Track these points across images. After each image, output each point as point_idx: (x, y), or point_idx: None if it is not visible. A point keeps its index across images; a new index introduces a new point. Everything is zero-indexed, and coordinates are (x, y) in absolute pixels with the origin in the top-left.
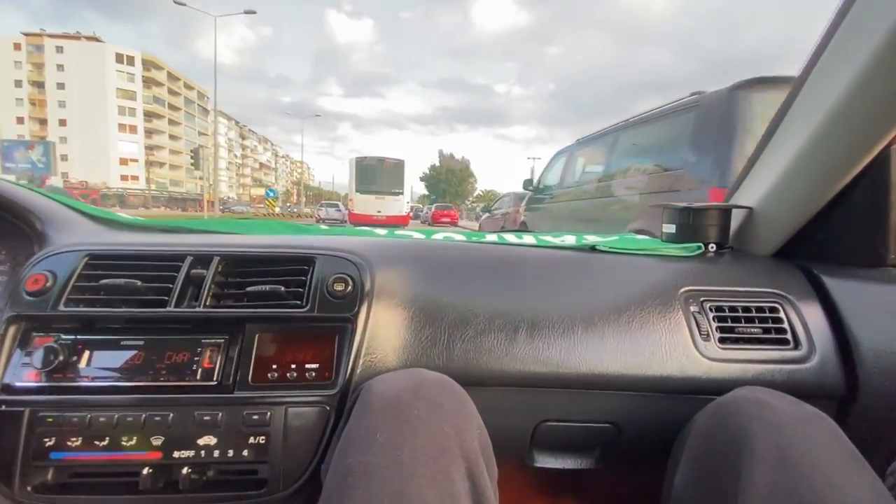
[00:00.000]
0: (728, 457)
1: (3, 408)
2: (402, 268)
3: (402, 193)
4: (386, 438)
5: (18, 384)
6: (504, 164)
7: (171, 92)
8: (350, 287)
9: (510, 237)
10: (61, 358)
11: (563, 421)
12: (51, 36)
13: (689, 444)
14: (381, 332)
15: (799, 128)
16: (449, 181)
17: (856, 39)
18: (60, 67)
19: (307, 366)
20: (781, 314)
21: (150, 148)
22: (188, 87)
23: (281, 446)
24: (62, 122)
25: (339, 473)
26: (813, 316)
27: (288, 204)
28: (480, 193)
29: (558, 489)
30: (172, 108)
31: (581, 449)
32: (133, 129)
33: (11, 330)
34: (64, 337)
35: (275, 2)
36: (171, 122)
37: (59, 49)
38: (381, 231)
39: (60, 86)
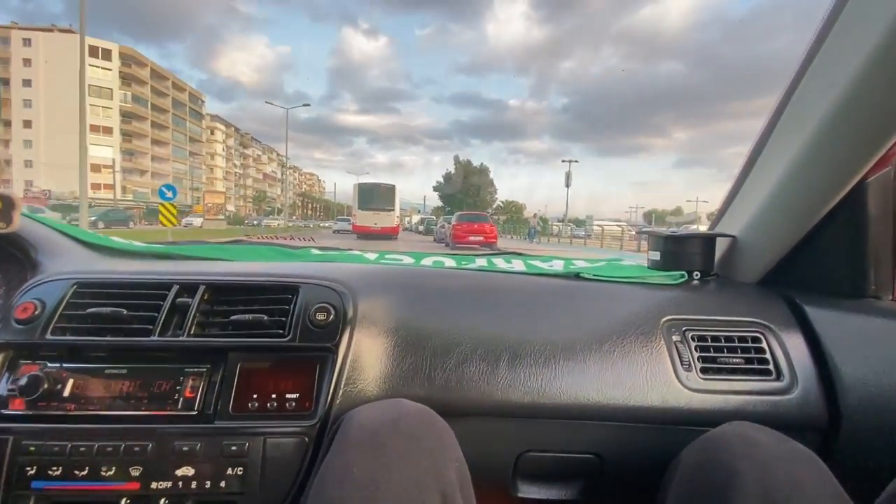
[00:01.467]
0: (715, 494)
1: None
2: (387, 296)
3: (393, 210)
4: (362, 473)
5: (4, 412)
6: (518, 177)
7: (156, 92)
8: (332, 316)
9: (499, 262)
10: (46, 386)
11: (545, 451)
12: (20, 28)
13: (678, 479)
14: (363, 361)
15: (779, 157)
16: (466, 191)
17: (832, 70)
18: (27, 62)
19: (287, 395)
20: (764, 344)
21: (128, 153)
22: (178, 87)
23: (258, 478)
24: (27, 124)
25: None
26: (795, 346)
27: (294, 217)
28: (501, 205)
29: None
30: (158, 109)
31: (565, 479)
32: (108, 130)
33: None
34: (50, 365)
35: (293, 21)
36: (156, 125)
37: (27, 42)
38: (371, 256)
39: (27, 83)
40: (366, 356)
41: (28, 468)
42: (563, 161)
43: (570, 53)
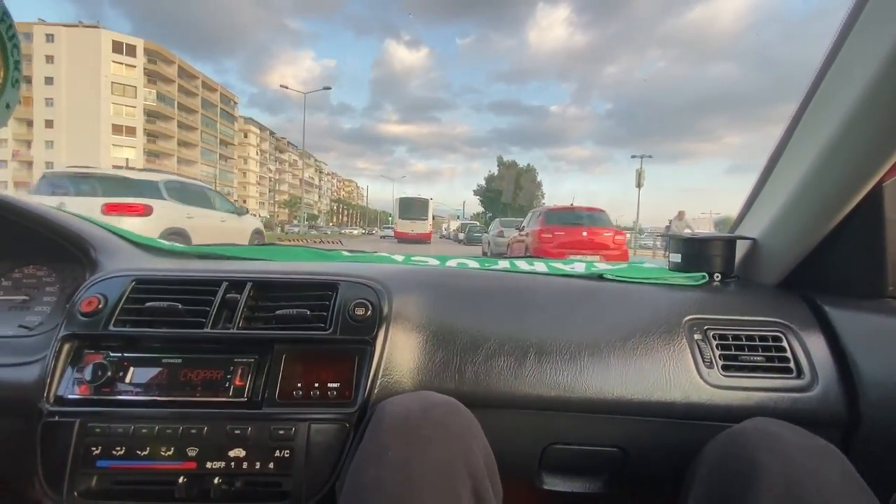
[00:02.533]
0: (737, 487)
1: (57, 418)
2: (418, 294)
3: (426, 219)
4: (396, 455)
5: (70, 396)
6: (558, 184)
7: (184, 91)
8: (370, 312)
9: (522, 264)
10: (109, 373)
11: (571, 444)
12: (44, 24)
13: (700, 473)
14: (398, 354)
15: (798, 161)
16: (513, 193)
17: (851, 73)
18: (50, 59)
19: (329, 385)
20: (784, 343)
21: (152, 154)
22: (209, 87)
23: (303, 460)
24: (48, 124)
25: (353, 489)
26: (816, 345)
27: (330, 224)
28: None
29: None
30: (186, 109)
31: (589, 473)
32: (131, 131)
33: (66, 347)
34: (112, 354)
35: (339, 35)
36: (183, 126)
37: (50, 38)
38: (399, 258)
39: (49, 81)
40: (400, 350)
41: (93, 448)
42: (634, 157)
43: (614, 58)
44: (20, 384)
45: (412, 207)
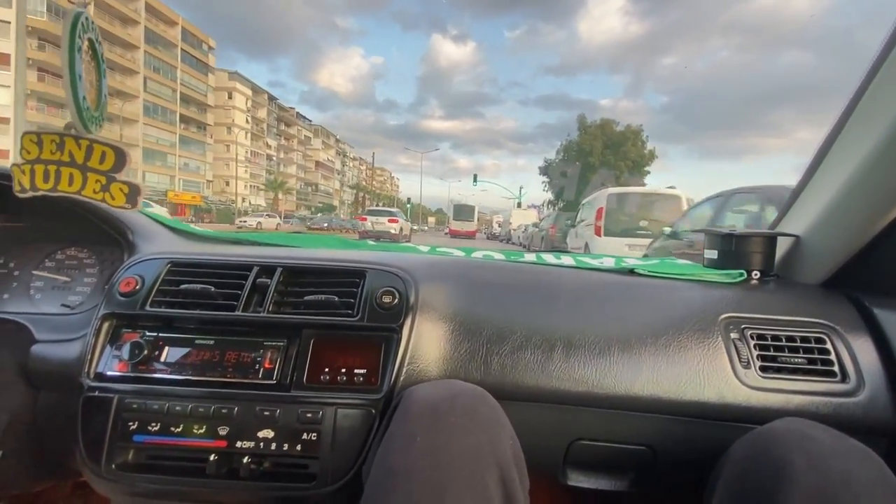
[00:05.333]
0: (766, 486)
1: (97, 393)
2: (444, 284)
3: (473, 220)
4: (425, 442)
5: (109, 373)
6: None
7: (113, 14)
8: (397, 300)
9: (549, 257)
10: (145, 352)
11: (597, 440)
12: None
13: (727, 471)
14: (424, 343)
15: (850, 154)
16: (603, 155)
17: None
18: None
19: (356, 371)
20: (828, 345)
21: (46, 101)
22: (163, 18)
23: (330, 444)
24: None
25: (381, 473)
26: (862, 348)
27: (355, 217)
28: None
29: None
30: (119, 42)
31: (615, 470)
32: (4, 59)
33: (105, 325)
34: (148, 334)
35: (387, 31)
36: (115, 67)
37: None
38: (424, 248)
39: None
40: (426, 339)
41: (130, 423)
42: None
43: (671, 48)
44: (62, 360)
45: (462, 211)
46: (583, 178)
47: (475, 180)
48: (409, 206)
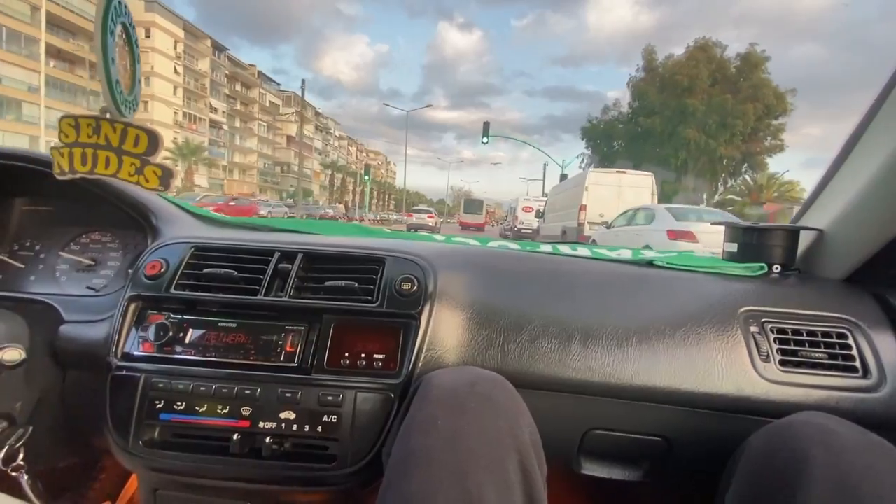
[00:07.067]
0: (785, 479)
1: (125, 372)
2: (462, 272)
3: (481, 214)
4: (445, 426)
5: (136, 353)
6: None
7: None
8: (416, 287)
9: (565, 248)
10: (171, 334)
11: (612, 430)
12: None
13: (744, 463)
14: (442, 330)
15: (878, 148)
16: (711, 94)
17: None
18: None
19: (375, 356)
20: (850, 341)
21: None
22: None
23: (350, 426)
24: None
25: (402, 456)
26: (886, 345)
27: (337, 204)
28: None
29: (605, 499)
30: None
31: (630, 460)
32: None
33: (132, 307)
34: (172, 316)
35: (392, 18)
36: None
37: None
38: (440, 237)
39: None
40: (444, 326)
41: (157, 402)
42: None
43: (681, 39)
44: (90, 340)
45: (472, 205)
46: (674, 135)
47: (485, 132)
48: (366, 178)
